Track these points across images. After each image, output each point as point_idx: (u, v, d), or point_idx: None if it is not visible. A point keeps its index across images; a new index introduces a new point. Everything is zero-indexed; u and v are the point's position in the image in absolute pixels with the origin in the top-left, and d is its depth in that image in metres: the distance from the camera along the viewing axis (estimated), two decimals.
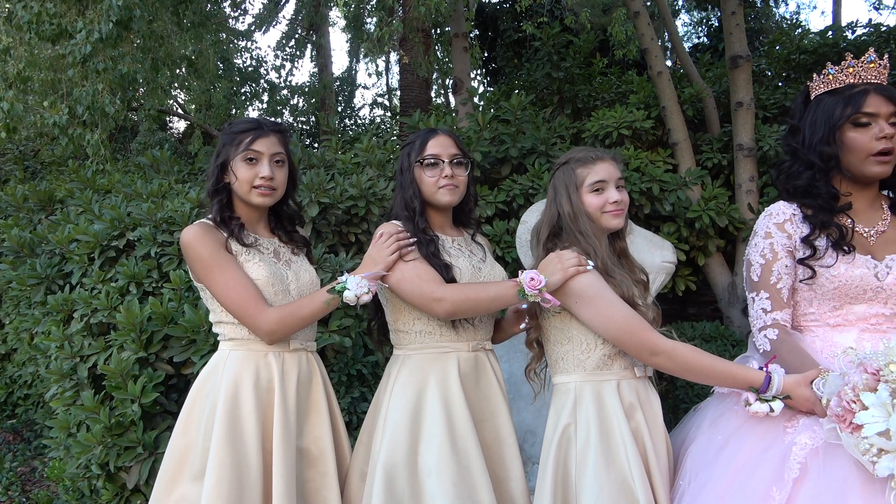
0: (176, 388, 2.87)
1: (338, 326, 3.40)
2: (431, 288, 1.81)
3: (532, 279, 1.72)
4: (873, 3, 11.10)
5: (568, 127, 5.16)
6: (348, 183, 3.89)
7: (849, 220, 1.70)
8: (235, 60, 10.91)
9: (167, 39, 6.09)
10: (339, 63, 19.82)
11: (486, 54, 11.39)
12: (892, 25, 6.43)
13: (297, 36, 11.49)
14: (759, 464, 1.53)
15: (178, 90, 10.37)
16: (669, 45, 8.95)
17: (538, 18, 8.96)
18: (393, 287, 1.89)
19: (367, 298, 1.81)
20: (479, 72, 11.95)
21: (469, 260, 1.97)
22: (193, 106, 10.49)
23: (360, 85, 16.47)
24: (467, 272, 1.92)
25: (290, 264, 1.99)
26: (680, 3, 12.50)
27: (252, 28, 10.70)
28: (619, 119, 4.91)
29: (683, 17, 13.31)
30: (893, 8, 12.62)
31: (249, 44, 11.23)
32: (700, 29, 13.08)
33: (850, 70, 1.65)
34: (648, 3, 6.22)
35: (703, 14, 12.37)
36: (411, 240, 1.88)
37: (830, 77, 1.68)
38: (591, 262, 1.75)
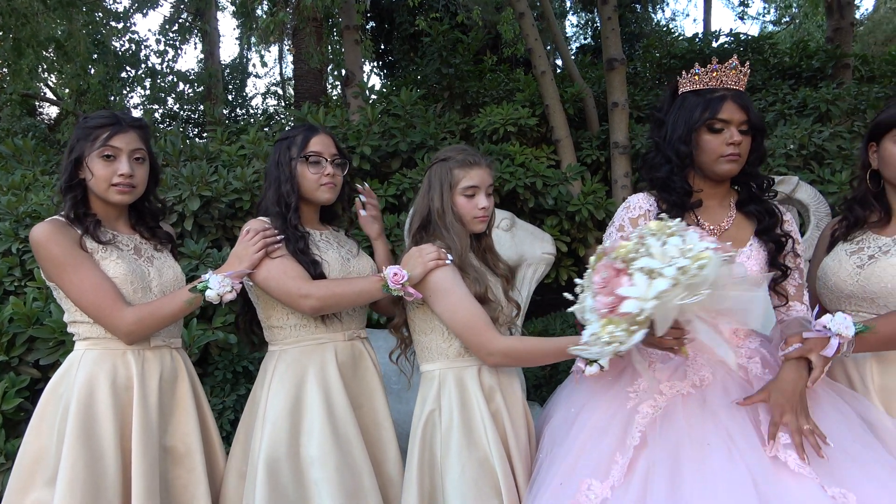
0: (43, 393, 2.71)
1: (222, 323, 3.33)
2: (298, 285, 1.84)
3: (395, 274, 1.79)
4: (738, 14, 12.11)
5: (457, 122, 5.28)
6: (232, 176, 3.80)
7: (695, 218, 1.84)
8: (113, 43, 10.23)
9: (32, 18, 5.62)
10: (230, 49, 19.05)
11: (382, 47, 11.35)
12: (752, 35, 7.06)
13: (180, 20, 10.91)
14: (605, 431, 1.67)
15: (49, 74, 9.59)
16: (553, 46, 9.32)
17: (432, 14, 9.05)
18: (259, 284, 1.90)
19: (230, 297, 1.81)
20: (374, 64, 11.90)
21: (338, 252, 2.01)
22: (67, 91, 9.75)
23: (251, 73, 15.91)
24: (336, 265, 1.96)
25: (152, 261, 1.95)
26: (568, 4, 13.03)
27: (131, 10, 10.06)
28: (505, 116, 5.08)
29: (571, 18, 13.89)
30: (755, 18, 13.82)
31: (128, 26, 10.55)
32: (587, 30, 13.71)
33: (714, 74, 1.79)
34: (538, 3, 6.46)
35: (589, 16, 12.96)
36: (278, 237, 1.89)
37: (696, 77, 1.81)
38: (450, 257, 1.84)
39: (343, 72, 6.27)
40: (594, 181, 4.87)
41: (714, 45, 6.73)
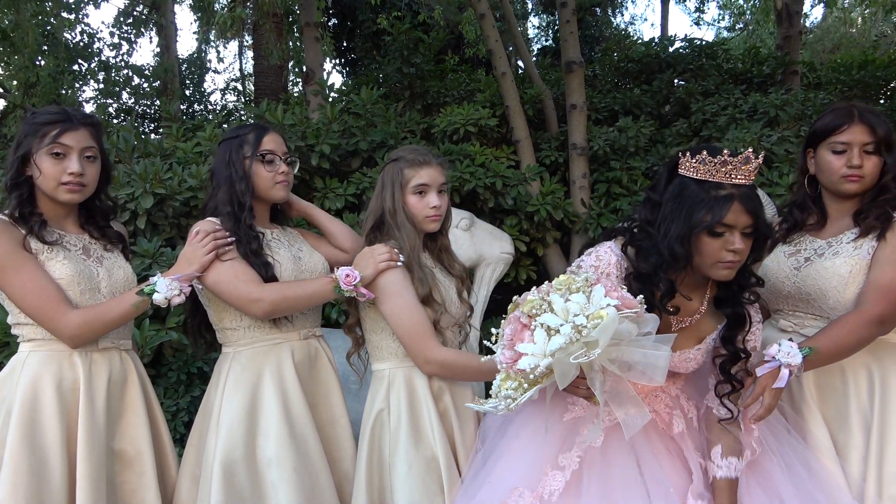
0: None
1: (176, 323, 3.27)
2: (249, 289, 1.83)
3: (347, 275, 1.80)
4: (694, 20, 12.42)
5: (418, 122, 5.29)
6: (188, 173, 3.74)
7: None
8: (64, 35, 9.91)
9: None
10: (188, 44, 18.63)
11: (344, 44, 11.27)
12: (706, 40, 7.24)
13: (135, 13, 10.63)
14: (540, 441, 1.70)
15: None
16: (514, 48, 9.40)
17: (394, 12, 9.02)
18: (209, 287, 1.88)
19: (179, 300, 1.78)
20: (336, 61, 11.80)
21: (289, 250, 2.01)
22: (15, 83, 9.40)
23: (210, 68, 15.60)
24: (289, 265, 1.96)
25: (101, 261, 1.91)
26: (530, 6, 13.15)
27: (83, 1, 9.75)
28: (466, 116, 5.11)
29: (533, 20, 14.02)
30: (710, 24, 14.17)
31: (81, 17, 10.23)
32: (548, 32, 13.86)
33: (723, 170, 1.58)
34: (500, 5, 6.51)
35: (551, 18, 13.11)
36: (229, 239, 1.87)
37: (701, 167, 1.60)
38: (402, 257, 1.85)
39: (303, 69, 6.21)
40: (553, 182, 4.94)
41: (670, 49, 6.88)
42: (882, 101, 6.58)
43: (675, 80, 6.35)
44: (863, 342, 1.77)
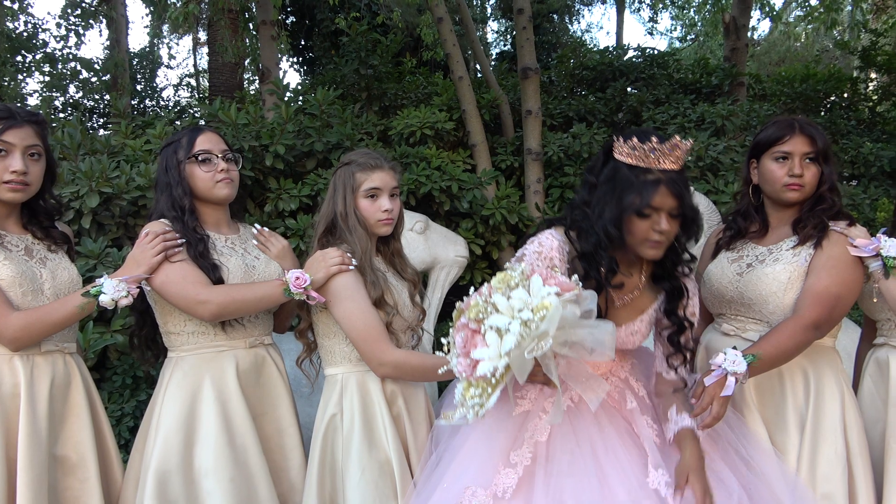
0: None
1: (121, 326, 3.19)
2: (196, 290, 1.80)
3: (297, 278, 1.79)
4: (647, 30, 12.74)
5: (375, 124, 5.27)
6: (136, 171, 3.64)
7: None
8: (7, 24, 9.51)
9: None
10: (140, 37, 18.13)
11: (302, 43, 11.14)
12: (658, 50, 7.43)
13: (83, 4, 10.28)
14: (492, 438, 1.73)
15: None
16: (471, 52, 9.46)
17: (353, 13, 8.98)
18: (157, 289, 1.85)
19: (126, 302, 1.76)
20: (294, 60, 11.66)
21: (242, 258, 1.98)
22: None
23: (163, 63, 15.21)
24: (238, 271, 1.93)
25: (45, 262, 1.86)
26: (489, 10, 13.26)
27: None
28: (423, 119, 5.12)
29: (492, 24, 14.14)
30: (663, 34, 14.55)
31: (24, 6, 9.84)
32: (506, 37, 14.00)
33: (651, 156, 1.67)
34: (457, 9, 6.54)
35: (509, 23, 13.25)
36: (179, 240, 1.85)
37: (633, 153, 1.69)
38: (355, 261, 1.85)
39: (259, 67, 6.11)
40: (508, 186, 5.00)
41: (624, 58, 7.04)
42: (822, 114, 6.87)
43: (628, 89, 6.51)
44: (801, 346, 1.85)
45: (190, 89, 14.92)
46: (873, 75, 7.99)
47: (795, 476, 1.85)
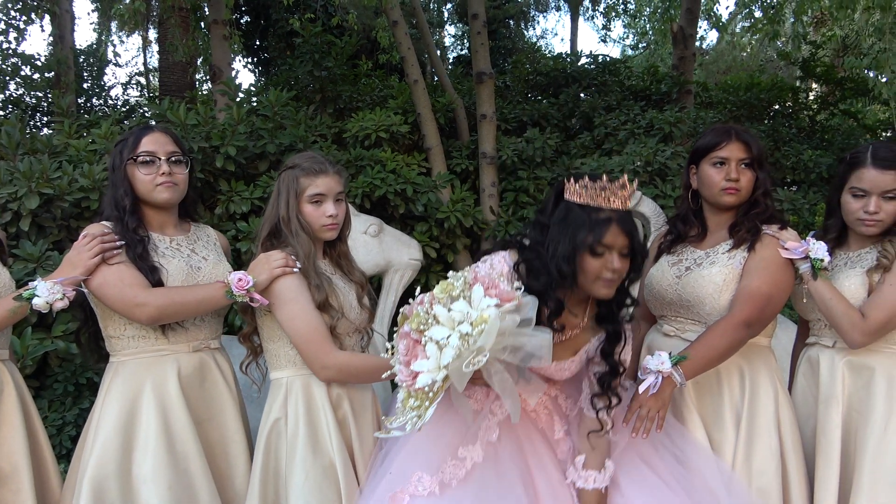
0: None
1: (62, 331, 3.09)
2: (134, 293, 1.77)
3: (240, 280, 1.78)
4: (601, 37, 12.99)
5: (329, 126, 5.24)
6: (79, 172, 3.53)
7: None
8: None
9: None
10: (87, 34, 17.53)
11: (257, 43, 10.97)
12: (611, 57, 7.59)
13: None
14: (440, 434, 1.75)
15: None
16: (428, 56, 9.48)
17: (308, 14, 8.89)
18: (94, 292, 1.81)
19: (61, 305, 1.72)
20: (248, 60, 11.48)
21: (187, 261, 1.95)
22: None
23: (111, 61, 14.75)
24: (180, 274, 1.90)
25: None
26: (445, 15, 13.31)
27: None
28: (378, 122, 5.12)
29: (450, 28, 14.20)
30: (616, 42, 14.89)
31: None
32: (463, 42, 14.08)
33: (602, 195, 1.71)
34: (413, 13, 6.54)
35: (466, 28, 13.32)
36: (118, 242, 1.81)
37: (584, 192, 1.72)
38: (299, 264, 1.84)
39: (211, 66, 6.00)
40: (463, 189, 5.03)
41: (577, 64, 7.16)
42: (766, 121, 7.13)
43: (581, 94, 6.62)
44: (734, 345, 1.92)
45: (140, 88, 14.51)
46: (814, 85, 8.32)
47: (731, 472, 1.92)
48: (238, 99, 5.02)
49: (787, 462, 1.98)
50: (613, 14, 11.58)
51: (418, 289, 1.61)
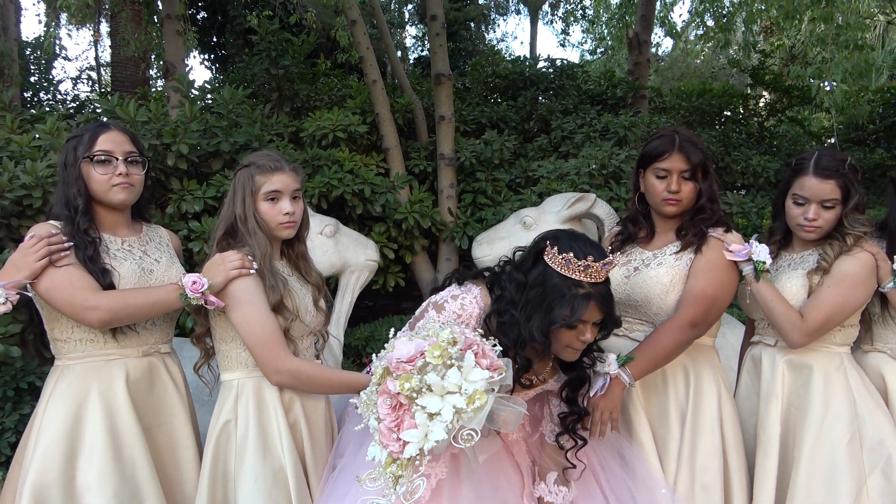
0: None
1: (2, 334, 2.97)
2: (84, 296, 1.72)
3: (194, 282, 1.74)
4: (560, 41, 13.19)
5: (286, 125, 5.17)
6: (21, 169, 3.40)
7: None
8: None
9: None
10: (35, 26, 16.93)
11: (214, 39, 10.76)
12: (568, 61, 7.69)
13: None
14: None
15: None
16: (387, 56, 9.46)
17: (265, 11, 8.76)
18: (42, 295, 1.76)
19: (4, 309, 1.67)
20: (204, 57, 11.25)
21: (139, 263, 1.90)
22: None
23: (60, 54, 14.26)
24: (132, 276, 1.86)
25: None
26: (406, 16, 13.29)
27: None
28: (335, 122, 5.07)
29: (411, 29, 14.18)
30: (575, 46, 15.11)
31: None
32: (424, 42, 14.07)
33: (585, 273, 1.70)
34: (372, 13, 6.51)
35: (427, 29, 13.31)
36: (66, 244, 1.75)
37: (567, 266, 1.71)
38: (255, 265, 1.81)
39: (164, 62, 5.86)
40: (421, 190, 5.03)
41: (536, 67, 7.23)
42: (717, 126, 7.33)
43: (539, 98, 6.69)
44: (679, 344, 1.97)
45: (91, 83, 14.07)
46: (764, 93, 8.59)
47: (671, 486, 2.00)
48: (192, 96, 4.91)
49: (728, 459, 2.04)
50: (572, 19, 11.75)
51: (392, 329, 1.62)
